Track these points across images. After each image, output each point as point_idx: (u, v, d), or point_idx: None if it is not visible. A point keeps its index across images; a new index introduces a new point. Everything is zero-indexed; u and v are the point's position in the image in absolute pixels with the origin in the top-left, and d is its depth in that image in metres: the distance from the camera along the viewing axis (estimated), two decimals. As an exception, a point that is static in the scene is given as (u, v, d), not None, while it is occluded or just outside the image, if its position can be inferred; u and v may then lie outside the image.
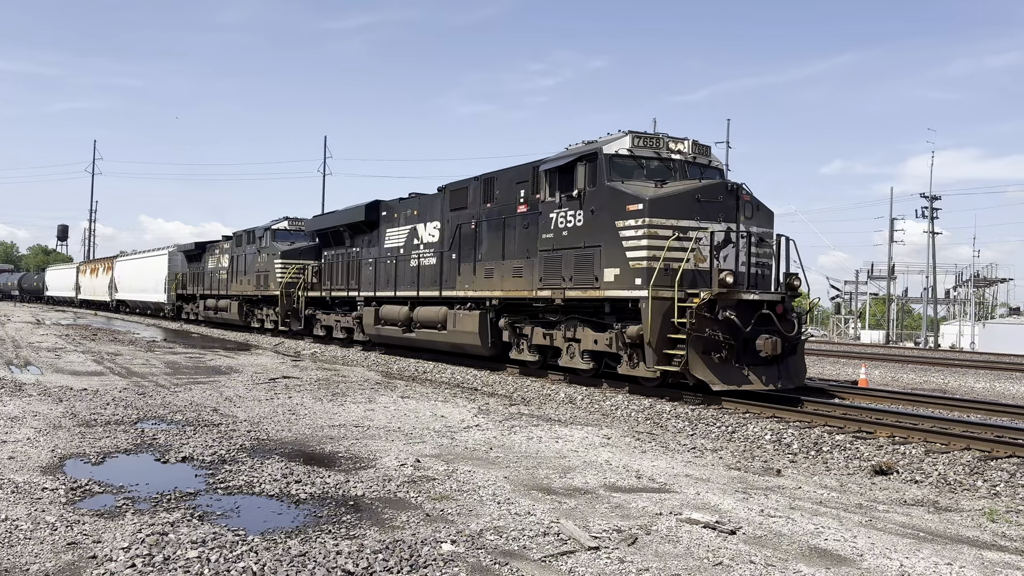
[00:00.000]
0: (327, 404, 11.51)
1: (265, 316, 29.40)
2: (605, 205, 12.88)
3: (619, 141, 13.26)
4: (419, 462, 7.53)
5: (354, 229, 22.76)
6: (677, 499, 6.43)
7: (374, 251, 21.45)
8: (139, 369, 15.95)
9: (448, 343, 17.63)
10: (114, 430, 8.88)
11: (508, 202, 15.62)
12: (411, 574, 4.53)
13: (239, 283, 31.35)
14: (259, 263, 29.05)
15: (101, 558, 4.67)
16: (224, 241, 34.53)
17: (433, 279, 18.25)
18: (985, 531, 5.87)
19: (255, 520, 5.59)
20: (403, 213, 20.05)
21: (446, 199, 18.03)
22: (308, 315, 25.54)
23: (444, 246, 17.86)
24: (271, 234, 28.57)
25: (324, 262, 24.95)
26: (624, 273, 12.40)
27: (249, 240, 30.57)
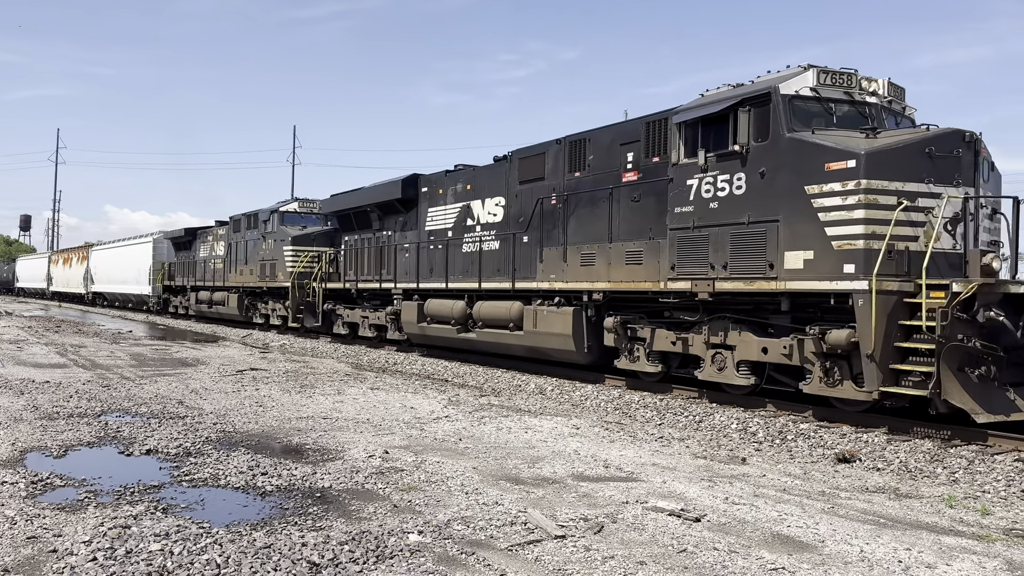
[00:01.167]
0: (295, 396, 11.44)
1: (271, 311, 26.12)
2: (786, 164, 9.71)
3: (799, 78, 10.12)
4: (388, 453, 7.52)
5: (385, 209, 19.66)
6: (644, 488, 6.49)
7: (412, 235, 18.41)
8: (103, 361, 15.73)
9: (524, 347, 14.53)
10: (77, 423, 8.76)
11: (608, 169, 12.67)
12: (377, 565, 4.53)
13: (238, 273, 28.12)
14: (264, 251, 25.97)
15: (62, 552, 4.61)
16: (218, 227, 31.47)
17: (498, 267, 15.27)
18: (944, 517, 5.99)
19: (220, 512, 5.55)
20: (450, 189, 16.96)
21: (513, 169, 15.02)
22: (327, 310, 22.28)
23: (513, 226, 14.86)
24: (279, 217, 25.25)
25: (346, 248, 21.74)
26: (821, 257, 9.29)
27: (250, 225, 27.38)
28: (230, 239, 29.09)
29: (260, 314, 26.98)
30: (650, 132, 11.95)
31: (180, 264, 35.40)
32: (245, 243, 27.62)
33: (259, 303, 27.08)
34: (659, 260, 11.56)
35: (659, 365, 12.10)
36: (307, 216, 25.37)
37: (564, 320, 13.38)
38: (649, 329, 12.04)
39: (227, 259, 29.24)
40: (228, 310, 28.94)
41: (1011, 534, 5.55)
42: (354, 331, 21.34)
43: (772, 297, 10.24)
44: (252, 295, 27.53)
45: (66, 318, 33.00)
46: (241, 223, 28.23)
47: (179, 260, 35.66)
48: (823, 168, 9.35)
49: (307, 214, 25.43)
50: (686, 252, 11.06)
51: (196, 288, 32.47)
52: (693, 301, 11.18)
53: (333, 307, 22.12)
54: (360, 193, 20.91)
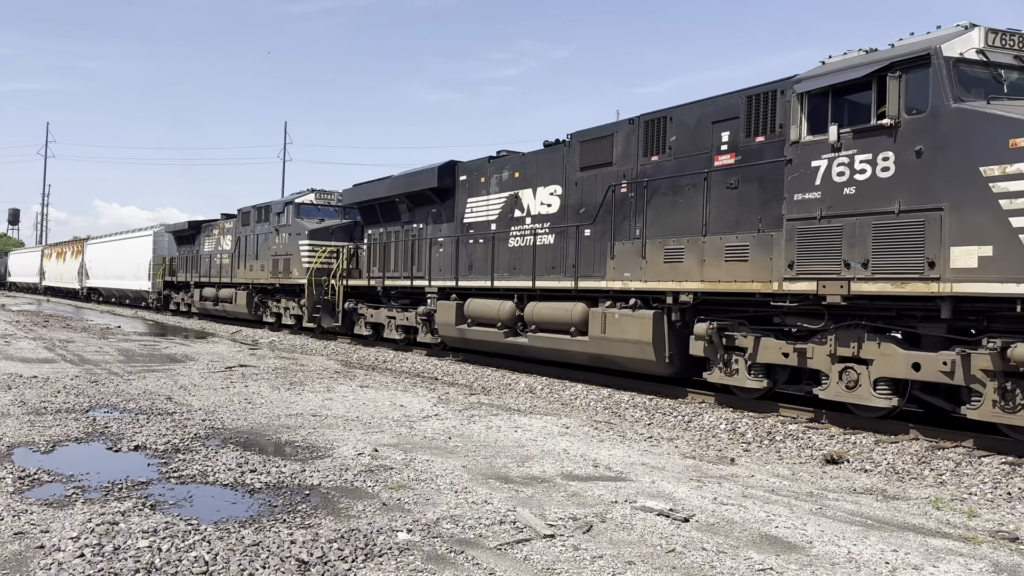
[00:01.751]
0: (284, 393, 11.41)
1: (284, 309, 24.40)
2: (953, 140, 8.16)
3: (963, 39, 8.50)
4: (377, 451, 7.51)
5: (417, 200, 17.92)
6: (633, 487, 6.50)
7: (447, 228, 16.80)
8: (92, 357, 15.65)
9: (589, 354, 12.87)
10: (65, 418, 8.72)
11: (695, 151, 11.15)
12: (366, 563, 4.52)
13: (248, 269, 26.34)
14: (276, 245, 24.29)
15: (49, 548, 4.59)
16: (225, 220, 29.53)
17: (553, 264, 13.79)
18: (930, 518, 6.03)
19: (209, 509, 5.53)
20: (494, 177, 15.41)
21: (572, 154, 13.53)
22: (348, 309, 20.60)
23: (573, 218, 13.38)
24: (294, 209, 23.62)
25: (370, 242, 20.03)
26: (1004, 254, 7.65)
27: (261, 218, 25.73)
28: (238, 233, 27.49)
29: (271, 313, 25.34)
30: (753, 107, 10.37)
31: (182, 259, 33.55)
32: (256, 237, 25.93)
33: (271, 301, 25.43)
34: (771, 256, 9.81)
35: (763, 380, 10.35)
36: (324, 208, 23.85)
37: (642, 325, 11.61)
38: (752, 338, 10.24)
39: (235, 254, 27.52)
40: (236, 308, 27.10)
41: (997, 536, 5.59)
42: (378, 332, 19.73)
43: (926, 302, 8.56)
44: (263, 292, 25.87)
45: (57, 313, 32.83)
46: (251, 216, 26.57)
47: (181, 254, 33.86)
48: (1007, 145, 7.72)
49: (324, 206, 23.88)
50: (810, 247, 9.33)
51: (200, 284, 30.73)
52: (817, 306, 9.50)
53: (355, 306, 20.40)
54: (388, 182, 19.16)
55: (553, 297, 13.77)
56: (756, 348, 10.25)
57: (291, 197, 24.31)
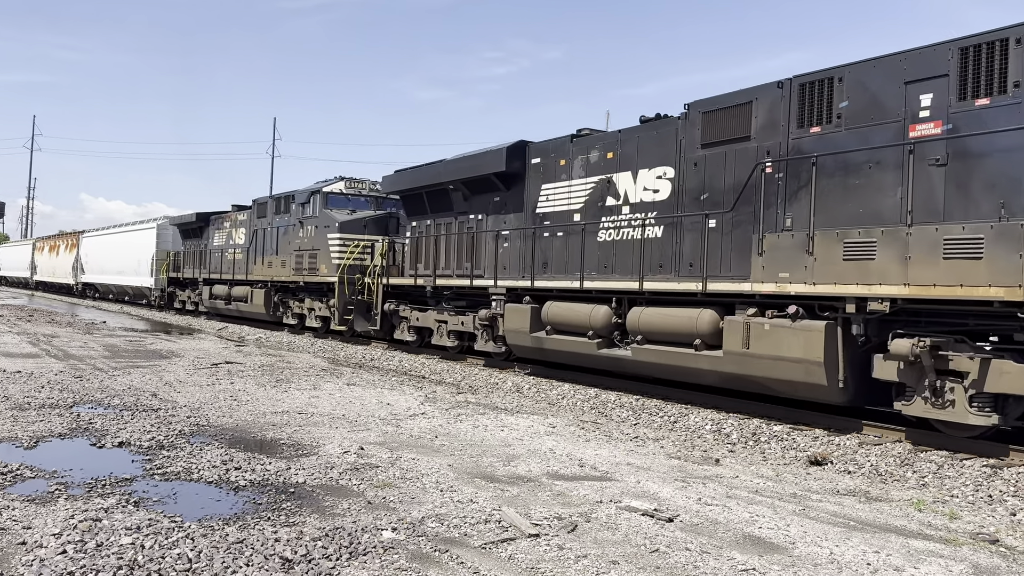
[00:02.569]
0: (270, 390, 11.38)
1: (309, 310, 22.26)
2: None
3: None
4: (363, 449, 7.50)
5: (475, 186, 15.60)
6: (618, 487, 6.52)
7: (514, 219, 14.69)
8: (76, 352, 15.55)
9: (724, 374, 10.35)
10: (48, 414, 8.66)
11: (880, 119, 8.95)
12: (351, 561, 4.52)
13: (265, 265, 24.28)
14: (300, 239, 22.30)
15: (31, 544, 4.56)
16: (237, 211, 27.53)
17: (662, 262, 11.52)
18: (912, 520, 6.07)
19: (193, 507, 5.51)
20: (579, 159, 13.29)
21: (691, 128, 11.19)
22: (388, 311, 18.32)
23: (690, 205, 11.15)
24: (322, 199, 21.44)
25: (414, 236, 17.82)
26: None
27: (280, 209, 23.75)
28: (253, 225, 25.34)
29: (293, 314, 23.26)
30: (971, 61, 8.20)
31: (188, 253, 31.38)
32: (274, 230, 23.88)
33: (292, 301, 23.33)
34: (1021, 253, 7.57)
35: (992, 415, 7.95)
36: (355, 199, 21.70)
37: (808, 340, 9.17)
38: (979, 360, 7.90)
39: (250, 248, 25.38)
40: (251, 308, 24.92)
41: (978, 538, 5.64)
42: (423, 338, 17.72)
43: None
44: (283, 291, 23.83)
45: (45, 309, 32.57)
46: (268, 207, 24.55)
47: (187, 249, 31.65)
48: None
49: (355, 196, 21.73)
50: None
51: (210, 281, 28.43)
52: None
53: (395, 308, 18.13)
54: (439, 167, 16.84)
55: (665, 302, 11.31)
56: (984, 374, 7.86)
57: (317, 185, 22.07)
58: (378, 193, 21.62)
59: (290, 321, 23.39)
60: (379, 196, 21.50)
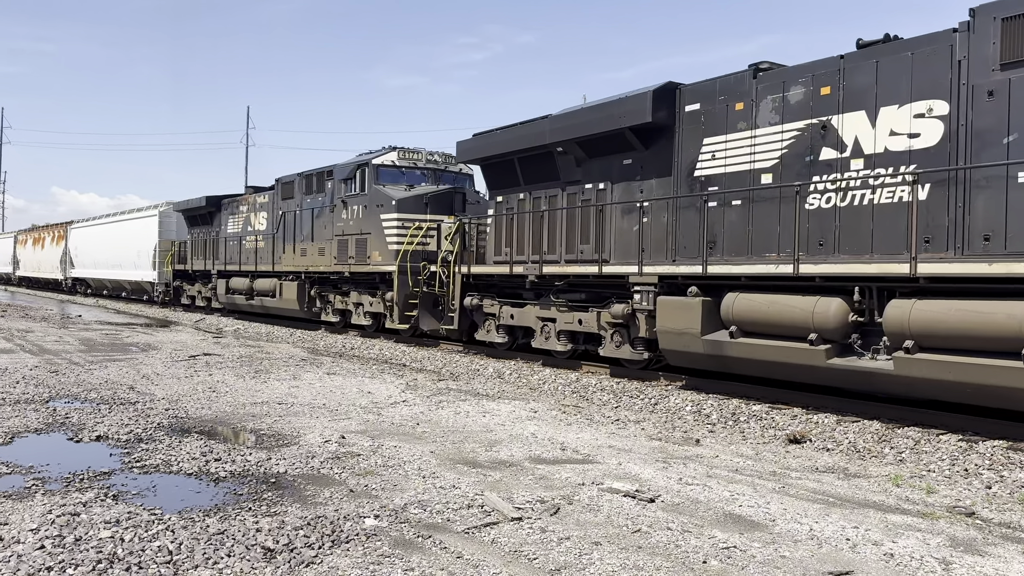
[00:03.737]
0: (249, 381, 11.31)
1: (356, 305, 19.00)
2: None
3: None
4: (344, 438, 7.48)
5: (595, 146, 12.42)
6: (600, 469, 6.55)
7: (656, 185, 11.54)
8: (52, 346, 15.37)
9: None
10: (24, 409, 8.56)
11: None
12: (333, 549, 4.51)
13: (297, 253, 20.99)
14: (344, 221, 19.03)
15: (8, 540, 4.51)
16: (256, 193, 24.22)
17: (929, 235, 8.52)
18: (890, 495, 6.15)
19: (172, 499, 5.47)
20: (766, 100, 10.10)
21: (981, 42, 8.15)
22: (470, 306, 14.94)
23: (983, 151, 8.17)
24: (372, 173, 18.09)
25: (500, 213, 14.61)
26: None
27: (312, 187, 20.54)
28: (278, 208, 22.17)
29: (334, 310, 19.97)
30: None
31: (197, 242, 27.89)
32: (307, 212, 20.64)
33: (333, 295, 20.00)
34: None
35: None
36: (410, 172, 18.38)
37: None
38: None
39: (276, 235, 22.16)
40: (280, 303, 21.68)
41: (954, 511, 5.72)
42: (515, 339, 14.53)
43: None
44: (320, 283, 20.61)
45: (23, 305, 32.10)
46: (296, 186, 21.31)
47: (195, 238, 28.23)
48: None
49: (410, 169, 18.40)
50: None
51: (226, 274, 25.22)
52: None
53: (479, 302, 14.83)
54: (541, 126, 13.39)
55: (947, 291, 8.09)
56: None
57: (365, 157, 18.70)
58: (436, 165, 18.61)
59: (330, 318, 20.10)
60: (437, 168, 18.49)
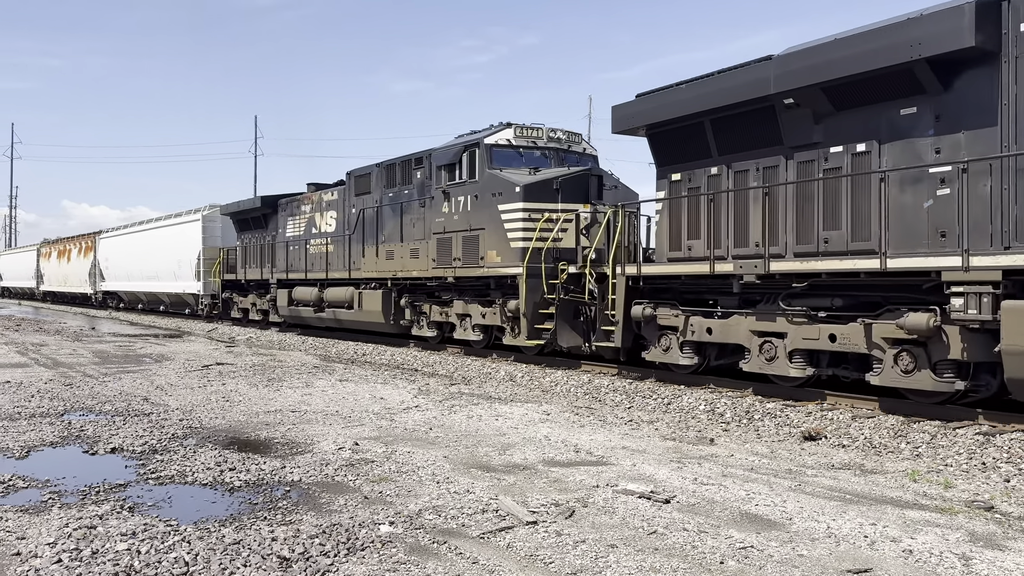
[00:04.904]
0: (263, 390, 11.34)
1: (461, 317, 15.74)
2: None
3: None
4: (357, 445, 7.49)
5: (852, 94, 9.19)
6: (614, 471, 6.53)
7: (966, 141, 8.34)
8: (66, 359, 15.45)
9: None
10: (39, 423, 8.60)
11: None
12: (348, 557, 4.51)
13: (381, 256, 17.70)
14: (446, 215, 15.67)
15: (26, 555, 4.52)
16: (320, 190, 21.18)
17: None
18: (908, 491, 6.11)
19: (188, 509, 5.48)
20: None
21: None
22: (641, 317, 11.53)
23: None
24: (483, 155, 14.76)
25: (675, 195, 11.47)
26: None
27: (394, 179, 17.41)
28: (351, 205, 19.14)
29: (430, 322, 16.80)
30: None
31: (250, 248, 24.74)
32: (393, 208, 17.41)
33: (429, 304, 16.80)
34: None
35: None
36: (528, 153, 15.03)
37: None
38: None
39: (351, 237, 19.04)
40: (359, 316, 18.48)
41: (973, 506, 5.67)
42: (706, 361, 11.27)
43: None
44: (411, 291, 17.40)
45: (35, 319, 32.22)
46: (374, 179, 18.22)
47: (247, 244, 25.06)
48: None
49: (528, 149, 15.09)
50: None
51: (287, 283, 22.22)
52: None
53: (650, 312, 11.42)
54: (756, 72, 10.05)
55: None
56: None
57: (473, 137, 15.40)
58: (558, 144, 15.41)
59: (424, 332, 17.03)
60: (560, 148, 15.37)
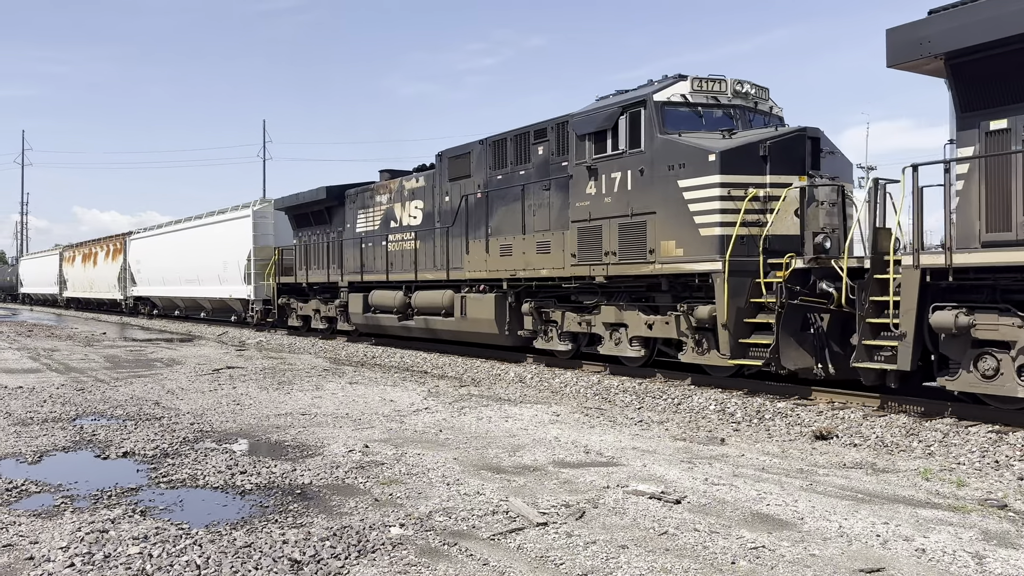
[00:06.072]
0: (273, 393, 11.36)
1: (613, 328, 12.24)
2: None
3: None
4: (367, 447, 7.50)
5: None
6: (624, 472, 6.52)
7: None
8: (77, 364, 15.53)
9: None
10: (51, 428, 8.65)
11: None
12: (360, 560, 4.51)
13: (493, 253, 14.31)
14: (590, 199, 12.09)
15: (39, 559, 4.55)
16: (398, 178, 17.99)
17: None
18: (920, 490, 6.07)
19: (199, 513, 5.50)
20: None
21: None
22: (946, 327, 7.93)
23: None
24: (654, 117, 11.09)
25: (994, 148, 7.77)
26: None
27: (505, 159, 14.12)
28: (444, 192, 15.89)
29: (562, 333, 13.30)
30: None
31: (309, 247, 21.76)
32: (511, 192, 13.93)
33: (560, 311, 13.27)
34: None
35: None
36: (709, 113, 11.36)
37: None
38: None
39: (447, 230, 15.71)
40: (461, 325, 15.26)
41: (986, 504, 5.64)
42: None
43: None
44: (531, 294, 13.98)
45: (47, 325, 32.36)
46: (476, 159, 14.90)
47: (304, 242, 22.05)
48: None
49: (709, 108, 11.39)
50: None
51: (359, 287, 19.15)
52: None
53: (966, 320, 7.88)
54: None
55: None
56: None
57: (635, 95, 11.53)
58: (743, 101, 11.57)
59: (554, 346, 13.49)
60: (745, 106, 11.52)
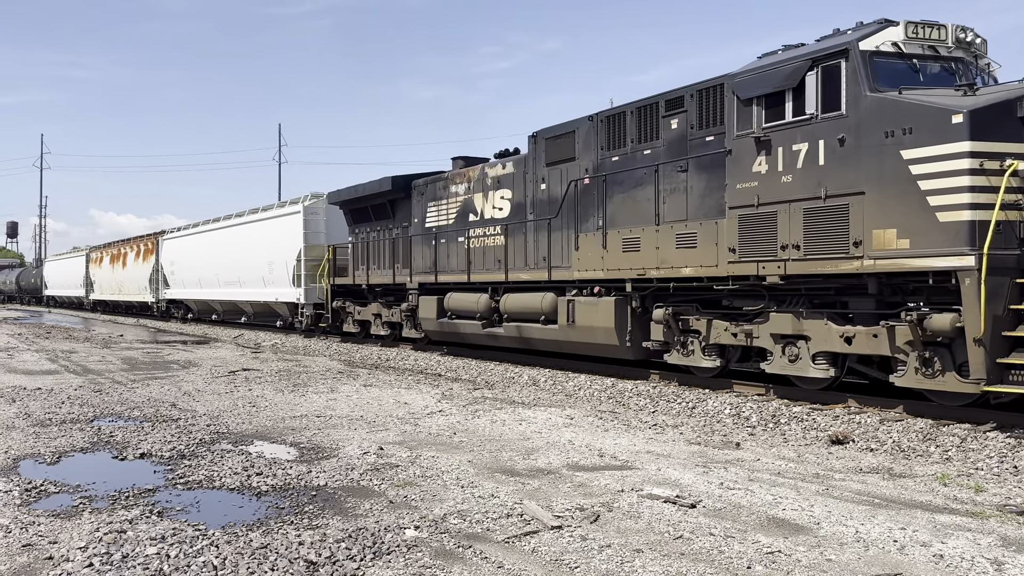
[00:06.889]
0: (288, 395, 11.42)
1: (780, 341, 9.96)
2: None
3: None
4: (382, 450, 7.52)
5: None
6: (639, 475, 6.50)
7: None
8: (95, 366, 15.66)
9: None
10: (69, 429, 8.72)
11: None
12: (375, 561, 4.53)
13: (612, 249, 12.25)
14: (763, 177, 9.74)
15: (58, 559, 4.59)
16: (478, 164, 16.15)
17: None
18: (937, 495, 6.03)
19: (216, 514, 5.53)
20: None
21: None
22: None
23: None
24: (860, 69, 8.81)
25: None
26: None
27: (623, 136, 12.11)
28: (541, 179, 14.00)
29: (707, 346, 11.10)
30: None
31: (369, 245, 19.64)
32: (641, 175, 11.76)
33: (703, 319, 11.12)
34: None
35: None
36: (924, 66, 9.21)
37: None
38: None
39: (547, 223, 13.68)
40: (570, 334, 13.16)
41: (1004, 510, 5.59)
42: None
43: None
44: (662, 298, 11.79)
45: (65, 326, 32.63)
46: (582, 138, 12.96)
47: (364, 239, 19.96)
48: None
49: (926, 60, 9.24)
50: None
51: (432, 289, 17.14)
52: None
53: None
54: None
55: None
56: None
57: (832, 43, 9.35)
58: (964, 53, 9.44)
59: (698, 361, 11.30)
60: (965, 59, 9.40)
